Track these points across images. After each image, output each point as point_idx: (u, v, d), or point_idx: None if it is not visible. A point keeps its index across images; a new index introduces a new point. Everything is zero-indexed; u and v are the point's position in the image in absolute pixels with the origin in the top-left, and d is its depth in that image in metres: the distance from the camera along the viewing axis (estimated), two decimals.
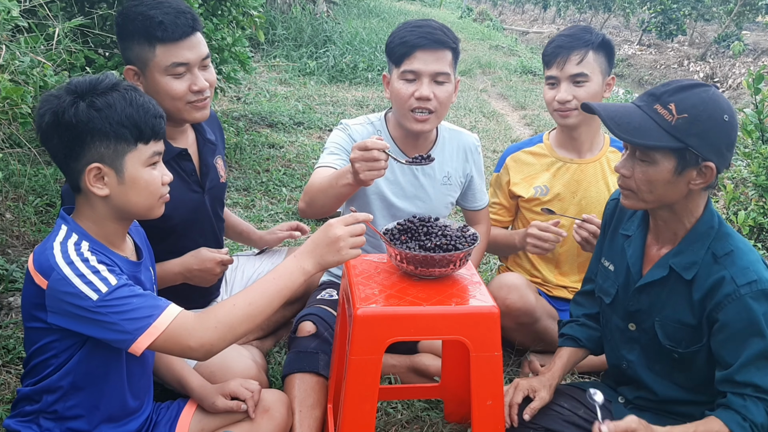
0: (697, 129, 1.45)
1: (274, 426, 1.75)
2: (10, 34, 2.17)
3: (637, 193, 1.56)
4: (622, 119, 1.51)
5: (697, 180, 1.51)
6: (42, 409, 1.45)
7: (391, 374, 2.18)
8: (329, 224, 1.48)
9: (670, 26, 12.28)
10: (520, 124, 6.45)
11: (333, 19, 9.39)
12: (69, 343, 1.40)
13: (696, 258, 1.57)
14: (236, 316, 1.38)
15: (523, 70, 9.49)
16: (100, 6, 3.29)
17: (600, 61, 2.23)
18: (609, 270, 1.78)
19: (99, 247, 1.42)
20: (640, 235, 1.71)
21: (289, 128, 5.24)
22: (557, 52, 2.22)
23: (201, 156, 2.00)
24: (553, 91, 2.26)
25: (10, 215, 2.92)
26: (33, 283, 1.37)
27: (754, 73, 3.25)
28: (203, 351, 1.37)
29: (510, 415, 1.72)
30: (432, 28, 2.01)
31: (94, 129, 1.36)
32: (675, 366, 1.66)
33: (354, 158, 1.71)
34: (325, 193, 1.87)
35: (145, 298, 1.36)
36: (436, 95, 2.00)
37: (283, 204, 3.76)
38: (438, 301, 1.53)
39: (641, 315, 1.68)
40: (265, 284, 1.44)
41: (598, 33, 2.26)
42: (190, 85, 1.79)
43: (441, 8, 20.38)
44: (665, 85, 1.53)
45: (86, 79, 1.41)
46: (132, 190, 1.42)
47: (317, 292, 2.25)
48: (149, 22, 1.71)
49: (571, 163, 2.35)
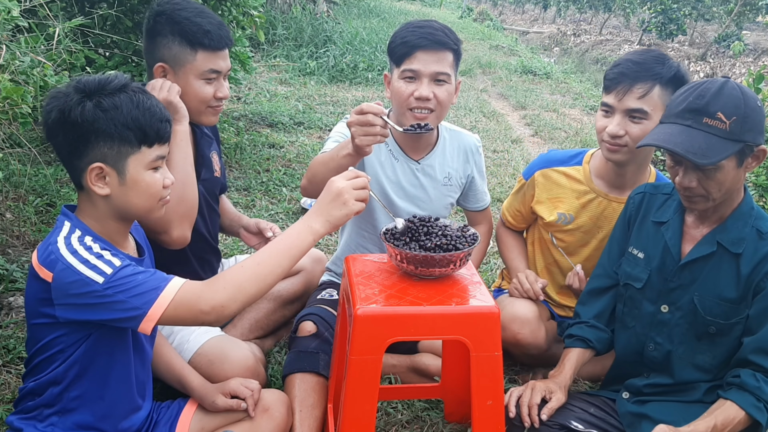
0: (748, 125, 1.58)
1: (274, 425, 1.75)
2: (10, 34, 2.16)
3: (708, 196, 1.66)
4: (693, 147, 1.58)
5: (752, 163, 1.65)
6: (46, 403, 1.45)
7: (391, 374, 2.18)
8: (331, 181, 1.49)
9: (671, 26, 12.27)
10: (521, 124, 6.45)
11: (333, 19, 9.40)
12: (76, 337, 1.41)
13: (743, 234, 1.70)
14: (245, 275, 1.39)
15: (524, 70, 9.49)
16: (100, 6, 3.30)
17: (666, 98, 1.92)
18: (638, 258, 1.86)
19: (102, 243, 1.42)
20: (678, 220, 1.80)
21: (290, 128, 5.24)
22: (619, 80, 1.95)
23: (197, 146, 2.06)
24: (605, 120, 2.00)
25: (10, 215, 2.92)
26: (38, 278, 1.37)
27: (754, 73, 3.26)
28: (215, 314, 1.36)
29: (531, 416, 1.74)
30: (433, 29, 2.01)
31: (98, 129, 1.36)
32: (703, 344, 1.74)
33: (350, 122, 1.73)
34: (327, 166, 1.86)
35: (150, 273, 1.37)
36: (435, 95, 2.00)
37: (283, 204, 3.76)
38: (438, 301, 1.53)
39: (679, 291, 1.76)
40: (274, 245, 1.44)
41: (672, 64, 1.96)
42: (215, 91, 1.92)
43: (441, 8, 20.39)
44: (697, 96, 1.61)
45: (95, 78, 1.41)
46: (132, 192, 1.43)
47: (317, 292, 2.25)
48: (196, 29, 1.83)
49: (605, 198, 2.15)
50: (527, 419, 1.73)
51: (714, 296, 1.71)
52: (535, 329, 2.11)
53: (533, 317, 2.12)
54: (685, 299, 1.76)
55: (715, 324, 1.71)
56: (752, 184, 3.20)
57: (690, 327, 1.75)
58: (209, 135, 2.15)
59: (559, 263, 2.32)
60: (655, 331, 1.81)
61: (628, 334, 1.87)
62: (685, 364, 1.77)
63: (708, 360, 1.75)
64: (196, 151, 2.06)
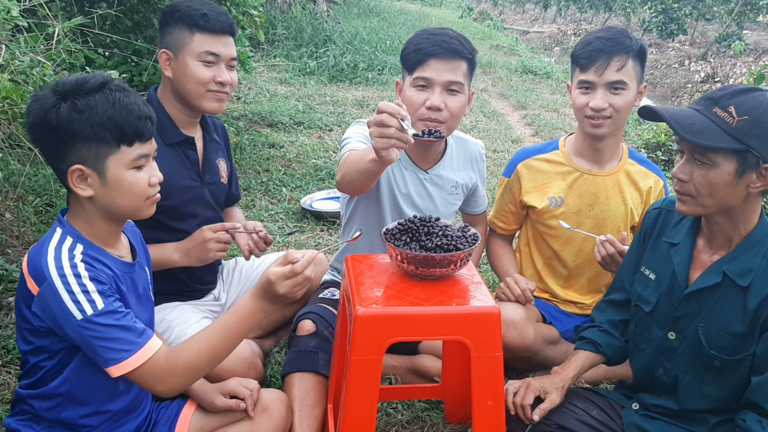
0: (759, 130, 1.46)
1: (274, 425, 1.75)
2: (10, 34, 2.16)
3: (697, 197, 1.55)
4: (684, 121, 1.52)
5: (757, 183, 1.51)
6: (41, 406, 1.45)
7: (391, 375, 2.17)
8: (269, 270, 1.45)
9: (671, 26, 12.28)
10: (521, 124, 6.44)
11: (333, 19, 9.40)
12: (60, 346, 1.41)
13: (752, 265, 1.56)
14: (201, 363, 1.44)
15: (524, 69, 9.49)
16: (100, 6, 3.30)
17: (637, 68, 2.10)
18: (650, 279, 1.76)
19: (93, 250, 1.41)
20: (689, 243, 1.69)
21: (289, 128, 5.23)
22: (595, 56, 2.07)
23: (205, 151, 2.10)
24: (586, 97, 2.10)
25: (10, 215, 2.92)
26: (26, 285, 1.38)
27: (755, 73, 3.26)
28: (168, 393, 1.43)
29: (525, 416, 1.72)
30: (448, 37, 1.96)
31: (74, 131, 1.34)
32: (710, 376, 1.64)
33: (370, 121, 1.61)
34: (355, 166, 1.78)
35: (127, 330, 1.37)
36: (447, 105, 1.95)
37: (283, 204, 3.75)
38: (439, 302, 1.53)
39: (685, 320, 1.66)
40: (225, 327, 1.46)
41: (636, 39, 2.12)
42: (215, 75, 1.94)
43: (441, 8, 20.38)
44: (722, 89, 1.54)
45: (73, 78, 1.38)
46: (115, 192, 1.41)
47: (318, 291, 2.24)
48: (195, 13, 1.93)
49: (589, 174, 2.23)
50: (523, 419, 1.72)
51: (720, 329, 1.59)
52: (522, 332, 2.10)
53: (519, 320, 2.11)
54: (691, 329, 1.65)
55: (719, 359, 1.59)
56: None
57: (696, 357, 1.65)
58: (218, 141, 2.17)
59: (559, 255, 2.32)
60: (664, 356, 1.72)
61: (640, 356, 1.79)
62: (692, 392, 1.67)
63: (715, 392, 1.64)
64: (203, 154, 2.09)
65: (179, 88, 1.96)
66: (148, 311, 1.58)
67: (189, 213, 2.05)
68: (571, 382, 1.80)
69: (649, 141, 5.24)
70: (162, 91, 2.01)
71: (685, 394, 1.68)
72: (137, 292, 1.52)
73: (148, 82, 3.44)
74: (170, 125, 1.98)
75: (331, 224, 3.55)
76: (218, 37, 1.95)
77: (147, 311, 1.57)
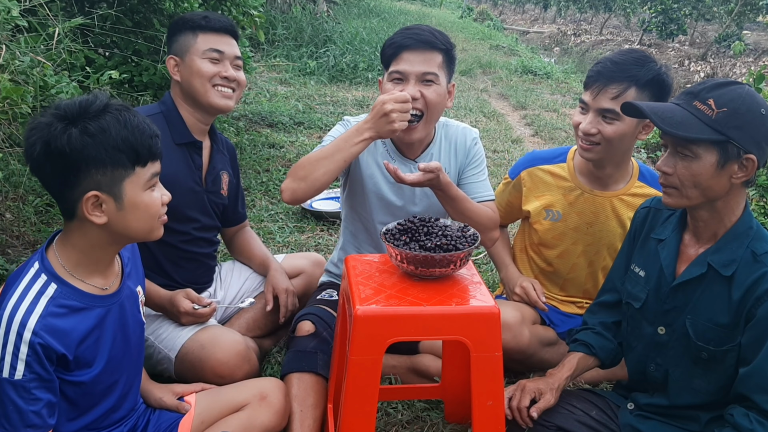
0: (737, 121, 1.50)
1: (273, 412, 1.75)
2: (10, 34, 2.16)
3: (681, 189, 1.58)
4: (665, 114, 1.55)
5: (739, 174, 1.54)
6: None
7: (391, 375, 2.18)
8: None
9: (671, 26, 12.27)
10: (521, 124, 6.45)
11: (333, 19, 9.40)
12: None
13: (735, 256, 1.59)
14: None
15: (524, 69, 9.49)
16: (100, 6, 3.30)
17: (643, 100, 1.92)
18: (639, 276, 1.79)
19: (66, 293, 1.35)
20: (675, 238, 1.72)
21: (289, 128, 5.24)
22: (596, 78, 1.98)
23: (211, 159, 2.15)
24: (580, 117, 2.05)
25: (10, 215, 2.92)
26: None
27: (754, 73, 3.26)
28: None
29: (522, 419, 1.73)
30: (420, 29, 1.99)
31: (88, 156, 1.29)
32: (698, 369, 1.66)
33: (388, 110, 1.79)
34: (332, 158, 1.85)
35: (21, 414, 1.28)
36: (423, 95, 1.96)
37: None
38: (438, 302, 1.53)
39: (673, 314, 1.69)
40: None
41: (652, 67, 1.95)
42: (220, 71, 2.01)
43: (441, 8, 20.39)
44: (701, 83, 1.57)
45: (75, 101, 1.33)
46: (131, 215, 1.38)
47: (317, 293, 2.25)
48: (197, 17, 2.03)
49: (591, 193, 2.18)
50: (521, 423, 1.72)
51: (706, 320, 1.62)
52: (517, 334, 2.09)
53: (514, 322, 2.10)
54: (679, 322, 1.68)
55: (707, 350, 1.62)
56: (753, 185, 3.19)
57: (685, 351, 1.67)
58: (224, 153, 2.22)
59: (554, 265, 2.32)
60: (655, 352, 1.74)
61: (633, 353, 1.81)
62: (683, 387, 1.69)
63: (704, 385, 1.66)
64: (209, 162, 2.14)
65: (188, 89, 2.00)
66: (136, 335, 1.56)
67: (188, 216, 2.06)
68: (565, 383, 1.81)
69: (649, 141, 5.25)
70: (174, 97, 2.06)
71: (675, 389, 1.70)
72: (124, 319, 1.49)
73: (148, 82, 3.44)
74: (182, 126, 2.03)
75: (331, 224, 3.55)
76: (221, 36, 2.02)
77: (135, 335, 1.55)
